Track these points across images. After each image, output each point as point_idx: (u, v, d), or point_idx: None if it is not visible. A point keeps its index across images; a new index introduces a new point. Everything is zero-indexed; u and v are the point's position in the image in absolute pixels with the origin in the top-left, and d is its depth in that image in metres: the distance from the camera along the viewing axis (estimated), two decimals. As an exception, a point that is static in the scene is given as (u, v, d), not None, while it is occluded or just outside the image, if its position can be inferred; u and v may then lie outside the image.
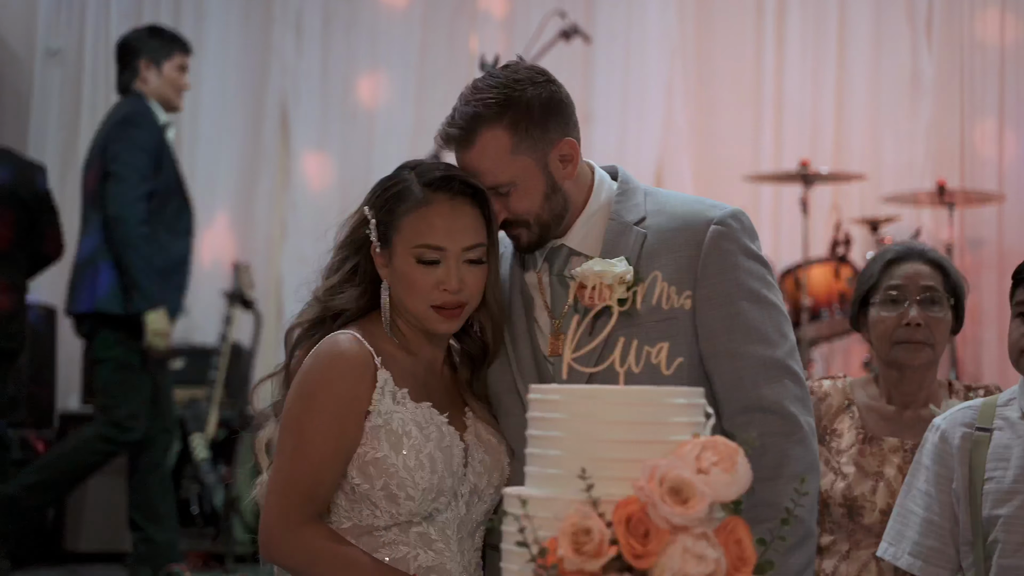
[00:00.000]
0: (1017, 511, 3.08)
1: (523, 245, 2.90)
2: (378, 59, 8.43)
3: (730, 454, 2.06)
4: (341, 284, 2.87)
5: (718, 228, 2.84)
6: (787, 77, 8.22)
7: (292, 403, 2.77)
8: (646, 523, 2.00)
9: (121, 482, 7.27)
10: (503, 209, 2.84)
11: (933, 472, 3.20)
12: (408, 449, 2.74)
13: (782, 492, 2.73)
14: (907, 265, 3.62)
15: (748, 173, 7.79)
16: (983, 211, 7.93)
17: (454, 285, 2.77)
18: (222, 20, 8.44)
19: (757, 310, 2.84)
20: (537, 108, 2.81)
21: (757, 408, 2.80)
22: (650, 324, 2.80)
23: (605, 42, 8.23)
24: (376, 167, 8.26)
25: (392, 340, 2.84)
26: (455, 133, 2.83)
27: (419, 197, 2.78)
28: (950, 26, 8.08)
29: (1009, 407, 3.19)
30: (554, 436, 2.10)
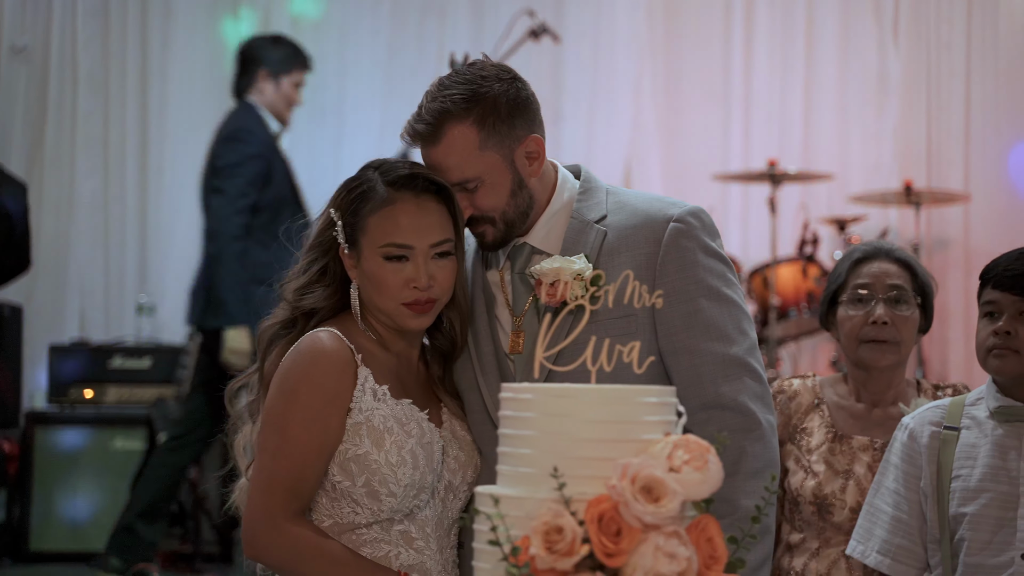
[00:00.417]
0: (983, 509, 3.10)
1: (488, 242, 2.91)
2: (346, 57, 8.40)
3: (702, 452, 2.07)
4: (310, 285, 2.87)
5: (677, 226, 2.86)
6: (755, 77, 8.24)
7: (274, 400, 2.76)
8: (618, 521, 2.00)
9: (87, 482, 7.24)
10: (469, 206, 2.84)
11: (902, 470, 3.22)
12: (390, 445, 2.74)
13: (739, 488, 2.76)
14: (874, 264, 3.63)
15: (716, 172, 7.80)
16: (949, 211, 7.97)
17: (423, 282, 2.78)
18: (189, 17, 8.39)
19: (716, 307, 2.85)
20: (504, 105, 2.83)
21: (716, 405, 2.82)
22: (609, 321, 2.82)
23: (574, 41, 8.23)
24: (344, 166, 8.24)
25: (369, 337, 2.85)
26: (422, 129, 2.83)
27: (384, 196, 2.79)
28: (917, 26, 8.11)
29: (977, 406, 3.22)
30: (526, 435, 2.10)
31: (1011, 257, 3.16)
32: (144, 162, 8.35)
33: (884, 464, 3.27)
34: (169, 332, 7.90)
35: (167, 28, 8.37)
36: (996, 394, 3.18)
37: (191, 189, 8.30)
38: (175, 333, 7.79)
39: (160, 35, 8.40)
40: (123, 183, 8.32)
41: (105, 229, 8.28)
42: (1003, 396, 3.17)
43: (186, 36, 8.40)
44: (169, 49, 8.39)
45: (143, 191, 8.34)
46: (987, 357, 3.15)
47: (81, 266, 8.25)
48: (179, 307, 7.85)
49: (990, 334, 3.13)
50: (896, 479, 3.23)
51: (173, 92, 8.36)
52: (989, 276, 3.17)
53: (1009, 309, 3.12)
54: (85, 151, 8.30)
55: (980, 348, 3.17)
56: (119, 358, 7.56)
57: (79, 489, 7.26)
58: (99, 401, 7.50)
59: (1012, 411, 3.15)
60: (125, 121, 8.33)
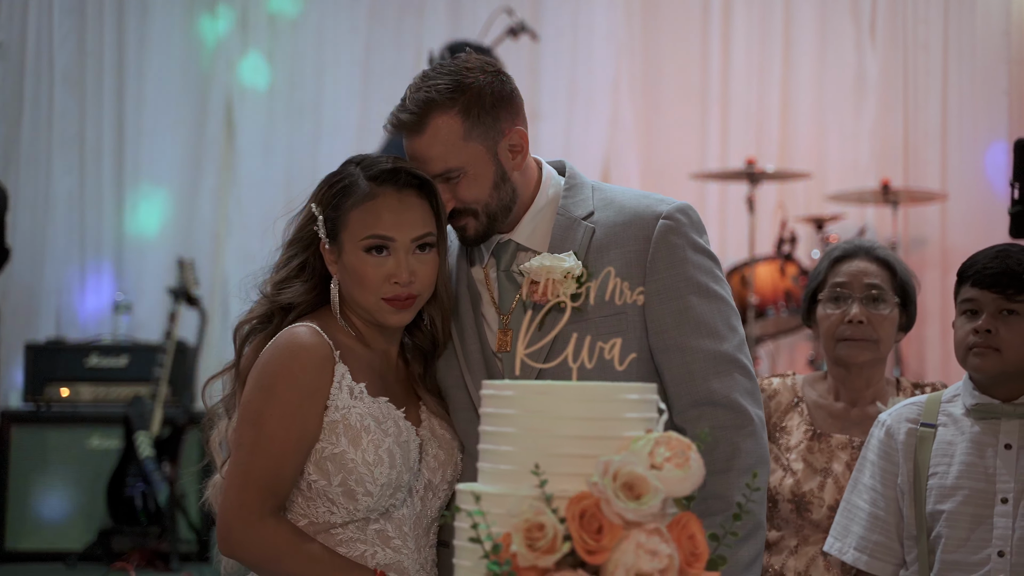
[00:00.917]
0: (960, 506, 3.11)
1: (470, 237, 2.89)
2: (324, 55, 8.38)
3: (683, 449, 2.06)
4: (289, 279, 2.84)
5: (666, 223, 2.85)
6: (733, 76, 8.26)
7: (251, 396, 2.74)
8: (599, 518, 2.00)
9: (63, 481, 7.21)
10: (451, 198, 2.83)
11: (879, 467, 3.22)
12: (367, 444, 2.72)
13: (733, 485, 2.76)
14: (853, 263, 3.64)
15: (694, 171, 7.82)
16: (926, 210, 8.01)
17: (404, 277, 2.77)
18: (166, 15, 8.36)
19: (706, 304, 2.84)
20: (488, 96, 2.82)
21: (707, 402, 2.81)
22: (600, 319, 2.81)
23: (552, 39, 8.23)
24: (322, 163, 8.22)
25: (348, 333, 2.83)
26: (406, 118, 2.82)
27: (365, 191, 2.78)
28: (894, 26, 8.15)
29: (953, 403, 3.22)
30: (507, 432, 2.09)
31: (989, 255, 3.15)
32: (120, 160, 8.31)
33: (861, 461, 3.27)
34: (146, 330, 7.87)
35: (144, 26, 8.33)
36: (973, 391, 3.19)
37: (168, 187, 8.29)
38: (152, 331, 7.76)
39: (137, 33, 8.36)
40: (99, 181, 8.29)
41: (81, 227, 8.25)
42: (980, 394, 3.18)
43: (163, 34, 8.36)
44: (146, 47, 8.35)
45: (119, 189, 8.30)
46: (967, 355, 3.14)
47: (57, 264, 8.21)
48: (156, 306, 7.85)
49: (970, 332, 3.13)
50: (873, 476, 3.23)
51: (150, 90, 8.32)
52: (968, 274, 3.16)
53: (989, 307, 3.12)
54: (61, 149, 8.26)
55: (960, 346, 3.17)
56: (95, 356, 7.53)
57: (55, 488, 7.22)
58: (75, 400, 7.46)
59: (989, 408, 3.15)
60: (101, 119, 8.29)
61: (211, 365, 8.02)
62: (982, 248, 3.29)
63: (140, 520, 6.93)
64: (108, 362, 7.52)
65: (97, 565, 6.80)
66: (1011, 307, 3.12)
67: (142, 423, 6.99)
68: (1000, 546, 3.07)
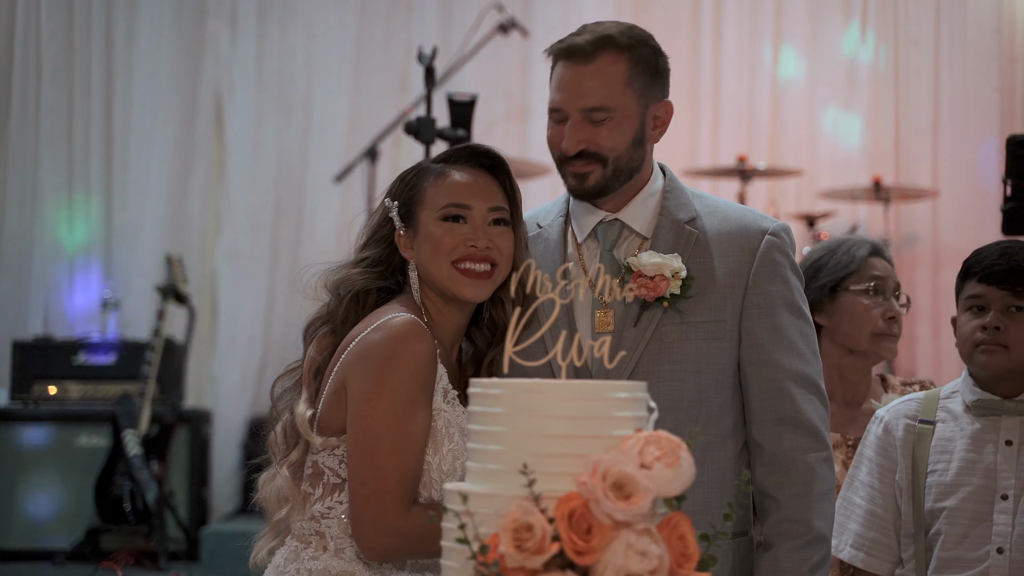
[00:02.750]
0: (961, 503, 3.10)
1: (588, 185, 2.86)
2: (313, 51, 8.35)
3: (673, 449, 2.04)
4: (360, 272, 2.84)
5: (773, 239, 2.87)
6: (724, 73, 8.24)
7: (386, 401, 2.66)
8: (588, 519, 1.97)
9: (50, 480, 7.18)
10: (588, 138, 2.81)
11: (876, 464, 3.21)
12: (447, 452, 2.69)
13: (812, 509, 2.78)
14: (882, 260, 3.67)
15: (685, 168, 7.79)
16: (918, 207, 8.00)
17: (482, 242, 2.77)
18: (155, 11, 8.31)
19: (798, 324, 2.88)
20: (656, 61, 2.86)
21: (791, 422, 2.83)
22: (700, 324, 2.83)
23: (543, 36, 8.16)
24: (312, 159, 8.20)
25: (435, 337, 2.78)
26: (582, 43, 2.82)
27: (440, 170, 2.84)
28: (885, 23, 8.13)
29: (952, 400, 3.21)
30: (495, 431, 2.07)
31: (995, 252, 3.14)
32: (109, 157, 8.26)
33: (858, 457, 3.26)
34: (134, 328, 7.83)
35: (132, 22, 8.28)
36: (973, 388, 3.18)
37: (156, 184, 8.25)
38: (140, 329, 7.72)
39: (125, 29, 8.31)
40: (87, 178, 8.24)
41: (69, 224, 8.21)
42: (981, 390, 3.17)
43: (152, 30, 8.31)
44: (134, 43, 8.30)
45: (107, 186, 8.25)
46: (973, 352, 3.13)
47: (45, 261, 8.17)
48: (144, 303, 7.81)
49: (977, 329, 3.12)
50: (870, 472, 3.22)
51: (138, 86, 8.27)
52: (974, 270, 3.15)
53: (997, 304, 3.12)
54: (49, 146, 8.21)
55: (965, 342, 3.15)
56: (83, 354, 7.49)
57: (42, 486, 7.18)
58: (63, 397, 7.44)
59: (990, 405, 3.14)
60: (90, 116, 8.24)
61: (200, 362, 8.00)
62: (974, 245, 3.29)
63: (128, 519, 6.89)
64: (96, 360, 7.49)
65: (85, 564, 6.76)
66: (1019, 304, 3.13)
67: (130, 421, 6.95)
68: (999, 543, 3.06)
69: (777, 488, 2.80)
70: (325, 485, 2.74)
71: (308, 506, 2.75)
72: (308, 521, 2.75)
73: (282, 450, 2.82)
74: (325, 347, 2.82)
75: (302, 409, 2.77)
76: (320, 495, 2.75)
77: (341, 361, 2.74)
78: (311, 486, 2.76)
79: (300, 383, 2.83)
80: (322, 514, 2.74)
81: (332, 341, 2.81)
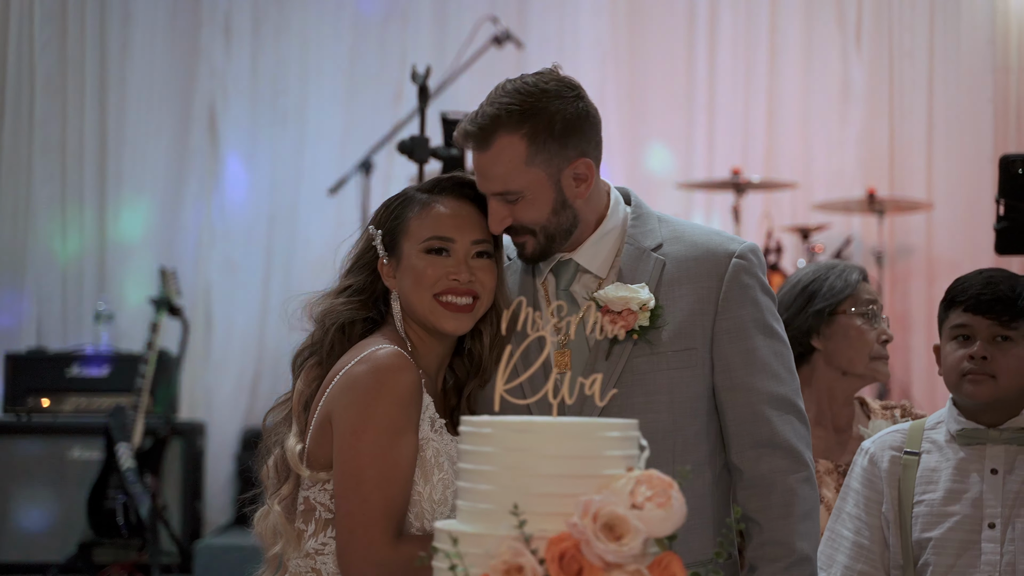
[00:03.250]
0: (947, 533, 3.10)
1: (527, 254, 2.87)
2: (308, 62, 8.34)
3: (664, 488, 2.03)
4: (344, 303, 2.84)
5: (740, 262, 2.85)
6: (719, 85, 8.24)
7: (357, 425, 2.66)
8: (579, 560, 1.97)
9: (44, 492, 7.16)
10: (508, 216, 2.80)
11: (863, 496, 3.21)
12: (437, 482, 2.69)
13: (794, 531, 2.77)
14: (869, 284, 3.71)
15: (680, 181, 7.80)
16: (912, 218, 8.01)
17: (465, 276, 2.77)
18: (149, 21, 8.31)
19: (771, 346, 2.85)
20: (559, 123, 2.76)
21: (769, 444, 2.81)
22: (671, 354, 2.80)
23: (537, 47, 8.18)
24: (306, 171, 8.19)
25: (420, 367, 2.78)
26: (473, 131, 2.79)
27: (425, 200, 2.82)
28: (879, 35, 8.15)
29: (936, 430, 3.21)
30: (486, 470, 2.06)
31: (979, 281, 3.14)
32: (102, 167, 8.25)
33: (844, 489, 3.27)
34: (128, 340, 7.82)
35: (126, 33, 8.27)
36: (958, 417, 3.18)
37: (149, 195, 8.24)
38: (134, 341, 7.70)
39: (119, 39, 8.30)
40: (81, 189, 8.23)
41: (63, 235, 8.19)
42: (965, 419, 3.17)
43: (145, 40, 8.30)
44: (128, 53, 8.29)
45: (101, 197, 8.24)
46: (960, 382, 3.13)
47: (38, 273, 8.16)
48: (138, 315, 7.78)
49: (963, 358, 3.12)
50: (857, 504, 3.22)
51: (132, 96, 8.27)
52: (960, 299, 3.14)
53: (983, 333, 3.12)
54: (42, 156, 8.20)
55: (952, 372, 3.15)
56: (77, 367, 7.48)
57: (36, 499, 7.17)
58: (56, 410, 7.43)
59: (975, 434, 3.14)
60: (83, 126, 8.23)
61: (194, 375, 7.99)
62: (968, 258, 3.28)
63: (121, 532, 6.88)
64: (89, 372, 7.48)
65: (78, 578, 6.76)
66: (1005, 333, 3.12)
67: (123, 434, 6.94)
68: (988, 571, 3.06)
69: (759, 511, 2.79)
70: (317, 521, 2.74)
71: (303, 543, 2.75)
72: (304, 559, 2.74)
73: (274, 484, 2.81)
74: (313, 379, 2.81)
75: (292, 443, 2.77)
76: (313, 531, 2.74)
77: (327, 394, 2.73)
78: (304, 522, 2.76)
79: (290, 416, 2.82)
80: (316, 550, 2.73)
81: (319, 373, 2.81)
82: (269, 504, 2.79)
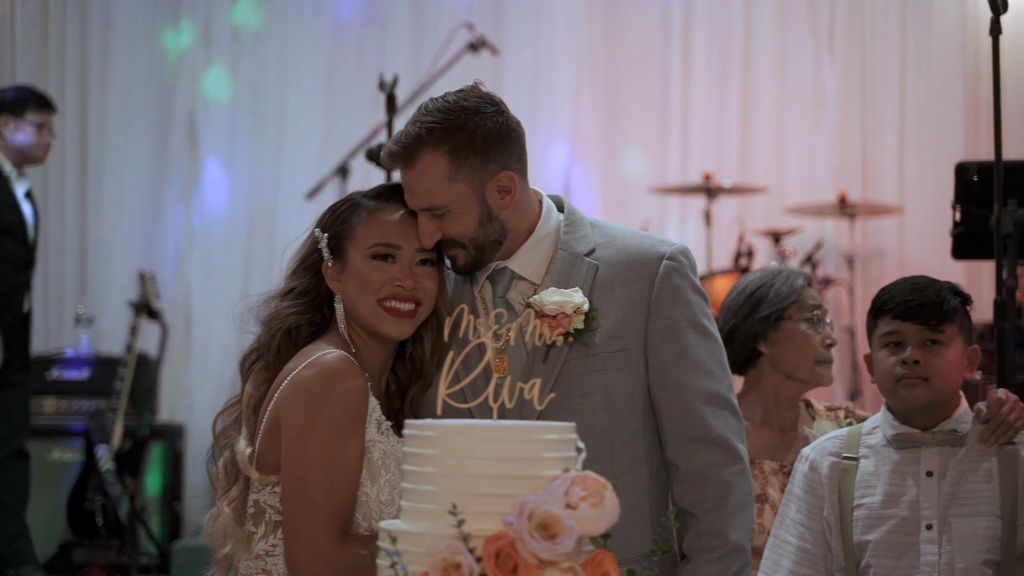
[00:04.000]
0: (886, 536, 3.18)
1: (459, 266, 2.95)
2: (287, 69, 8.42)
3: (598, 489, 2.11)
4: (290, 305, 2.90)
5: (670, 263, 2.92)
6: (693, 91, 8.32)
7: (304, 428, 2.73)
8: (515, 558, 2.05)
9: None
10: (437, 230, 2.88)
11: (804, 501, 3.28)
12: (384, 483, 2.76)
13: (728, 523, 2.86)
14: (813, 290, 3.78)
15: (654, 185, 7.88)
16: (884, 222, 8.09)
17: (409, 282, 2.84)
18: (129, 28, 8.37)
19: (703, 343, 2.93)
20: (479, 139, 2.84)
21: (703, 440, 2.89)
22: (606, 355, 2.88)
23: (514, 54, 8.28)
24: (285, 177, 8.26)
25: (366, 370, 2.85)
26: (397, 151, 2.88)
27: (371, 206, 2.89)
28: (851, 41, 8.23)
29: (873, 435, 3.29)
30: (428, 472, 2.14)
31: (907, 287, 3.23)
32: (84, 173, 8.33)
33: (787, 496, 3.34)
34: (108, 343, 7.88)
35: (107, 39, 8.35)
36: (892, 422, 3.26)
37: (131, 199, 8.30)
38: (114, 344, 7.76)
39: (99, 45, 8.37)
40: (62, 193, 8.30)
41: (44, 239, 8.22)
42: (900, 424, 3.25)
43: (126, 47, 8.37)
44: (109, 60, 8.36)
45: (82, 201, 8.32)
46: (895, 387, 3.21)
47: (20, 276, 8.20)
48: (118, 318, 7.85)
49: (897, 364, 3.19)
50: (799, 510, 3.29)
51: (113, 102, 8.34)
52: (889, 307, 3.22)
53: (914, 338, 3.19)
54: (24, 161, 8.25)
55: (887, 378, 3.22)
56: (57, 369, 7.53)
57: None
58: (37, 413, 7.44)
59: (909, 438, 3.22)
60: (64, 132, 8.29)
61: (173, 378, 8.06)
62: (940, 260, 3.36)
63: (101, 533, 6.95)
64: (70, 375, 7.53)
65: (57, 578, 6.83)
66: (934, 337, 3.19)
67: (103, 436, 7.01)
68: (928, 572, 3.13)
69: (695, 504, 2.87)
70: (267, 523, 2.80)
71: (253, 545, 2.81)
72: (254, 560, 2.81)
73: (223, 486, 2.87)
74: (261, 382, 2.88)
75: (242, 446, 2.83)
76: (263, 533, 2.80)
77: (275, 398, 2.80)
78: (254, 524, 2.82)
79: (240, 419, 2.88)
80: (267, 552, 2.80)
81: (267, 376, 2.87)
82: (219, 506, 2.85)
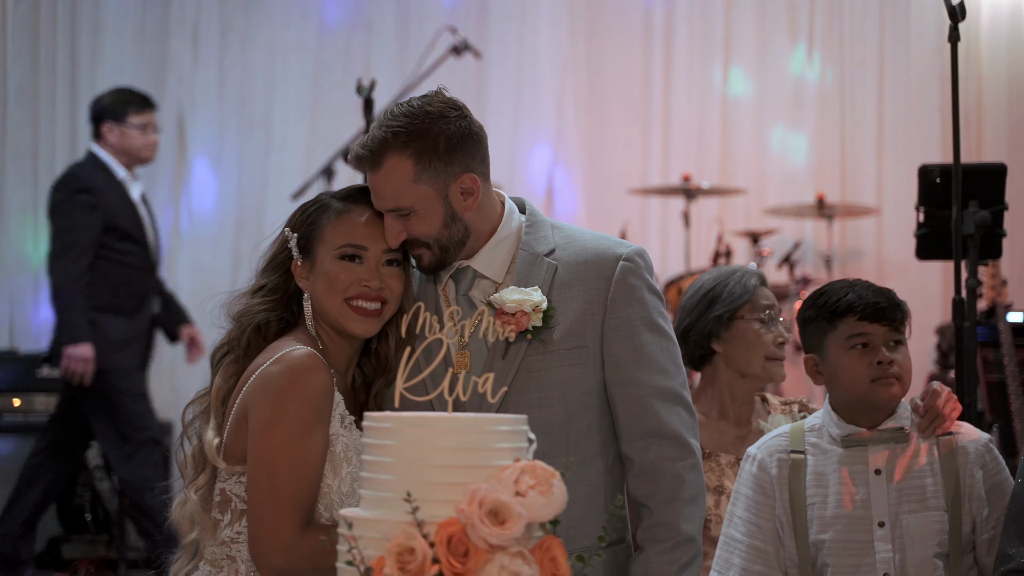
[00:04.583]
0: (840, 535, 3.25)
1: (424, 265, 3.05)
2: (274, 70, 8.52)
3: (547, 477, 2.22)
4: (260, 302, 3.00)
5: (627, 264, 3.04)
6: (674, 93, 8.43)
7: (270, 420, 2.83)
8: (466, 543, 2.15)
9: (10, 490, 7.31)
10: (403, 230, 2.99)
11: (753, 500, 3.34)
12: (345, 475, 2.86)
13: (680, 514, 2.97)
14: (767, 289, 3.88)
15: (636, 187, 7.99)
16: (862, 223, 8.20)
17: (376, 283, 2.94)
18: (119, 30, 8.47)
19: (658, 342, 3.04)
20: (443, 142, 2.94)
21: (656, 434, 3.00)
22: (564, 352, 2.99)
23: (497, 58, 8.39)
24: (272, 177, 8.36)
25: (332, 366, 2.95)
26: (363, 154, 2.98)
27: (340, 208, 2.99)
28: (831, 44, 8.34)
29: (815, 433, 3.35)
30: (385, 461, 2.25)
31: (869, 289, 3.28)
32: (75, 174, 8.40)
33: (735, 495, 3.39)
34: (98, 341, 7.95)
35: (96, 42, 8.44)
36: (839, 422, 3.31)
37: (120, 200, 8.38)
38: (103, 343, 7.84)
39: (89, 48, 8.46)
40: (53, 194, 8.38)
41: (35, 239, 8.35)
42: (846, 423, 3.30)
43: (115, 49, 8.46)
44: (98, 61, 8.45)
45: (73, 201, 8.38)
46: (870, 387, 3.24)
47: (11, 275, 8.31)
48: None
49: (870, 365, 3.24)
50: (748, 508, 3.35)
51: (103, 105, 8.42)
52: (856, 308, 3.25)
53: (881, 339, 3.25)
54: (15, 163, 8.36)
55: (859, 380, 3.25)
56: (48, 367, 7.60)
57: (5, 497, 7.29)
58: (27, 410, 7.50)
59: (857, 438, 3.28)
60: (55, 132, 8.40)
61: (163, 376, 8.14)
62: (915, 259, 3.42)
63: (89, 528, 7.03)
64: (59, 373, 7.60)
65: (47, 573, 6.89)
66: (898, 337, 3.27)
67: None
68: (884, 569, 3.21)
69: (648, 496, 2.98)
70: (233, 511, 2.90)
71: (218, 532, 2.91)
72: (220, 546, 2.91)
73: (191, 474, 2.98)
74: (230, 375, 2.97)
75: (210, 436, 2.93)
76: (229, 521, 2.91)
77: (244, 391, 2.90)
78: (220, 512, 2.92)
79: (208, 410, 2.98)
80: (232, 539, 2.90)
81: (237, 369, 2.97)
82: (186, 493, 2.96)
